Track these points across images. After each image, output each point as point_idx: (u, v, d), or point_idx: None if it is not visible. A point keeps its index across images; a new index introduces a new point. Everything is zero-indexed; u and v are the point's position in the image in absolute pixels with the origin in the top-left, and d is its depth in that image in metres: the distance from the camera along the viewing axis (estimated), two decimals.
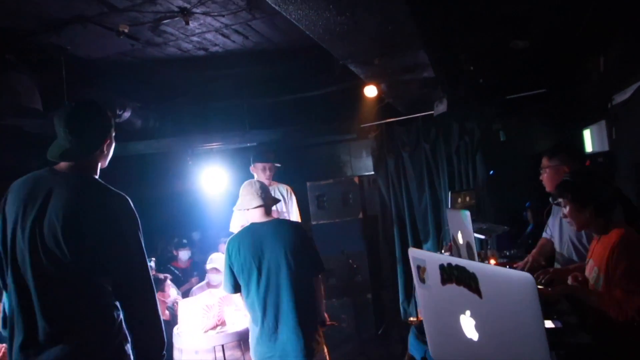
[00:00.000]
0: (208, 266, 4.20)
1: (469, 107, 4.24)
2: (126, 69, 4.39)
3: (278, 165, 4.02)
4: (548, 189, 2.87)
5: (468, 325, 0.89)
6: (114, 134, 2.00)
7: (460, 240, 2.09)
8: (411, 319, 2.70)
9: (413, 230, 4.99)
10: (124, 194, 1.82)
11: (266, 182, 4.01)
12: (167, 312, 3.76)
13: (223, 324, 3.32)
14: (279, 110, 5.35)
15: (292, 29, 3.95)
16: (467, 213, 1.93)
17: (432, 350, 1.03)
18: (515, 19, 3.75)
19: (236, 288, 2.81)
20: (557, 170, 2.76)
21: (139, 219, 1.81)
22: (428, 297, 1.03)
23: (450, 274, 0.91)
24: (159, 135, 5.16)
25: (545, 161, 2.88)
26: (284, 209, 4.21)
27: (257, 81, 5.09)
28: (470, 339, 0.89)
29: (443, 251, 3.50)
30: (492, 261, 2.80)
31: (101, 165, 1.94)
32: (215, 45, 4.14)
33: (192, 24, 3.56)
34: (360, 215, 5.60)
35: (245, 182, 2.85)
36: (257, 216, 2.79)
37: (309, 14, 2.08)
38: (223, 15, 3.44)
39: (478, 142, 4.49)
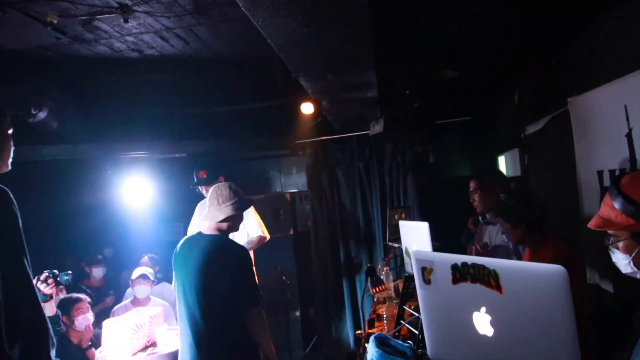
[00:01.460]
0: (133, 276, 3.87)
1: (403, 129, 4.47)
2: (46, 65, 3.99)
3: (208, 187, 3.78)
4: (479, 210, 3.09)
5: (482, 322, 0.92)
6: (6, 131, 1.76)
7: None
8: (359, 332, 2.70)
9: (345, 246, 5.07)
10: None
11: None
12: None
13: (154, 344, 3.07)
14: (211, 121, 5.19)
15: (235, 39, 3.92)
16: (426, 224, 2.00)
17: (433, 351, 1.04)
18: (446, 51, 4.07)
19: None
20: (489, 191, 2.99)
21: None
22: (433, 297, 1.04)
23: (465, 273, 0.94)
24: (76, 141, 4.72)
25: (474, 184, 3.10)
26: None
27: (191, 89, 4.90)
28: (484, 335, 0.92)
29: (380, 266, 3.58)
30: None
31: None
32: (152, 48, 3.93)
33: (130, 23, 3.35)
34: (291, 232, 5.58)
35: (217, 185, 2.61)
36: (206, 225, 2.60)
37: (276, 22, 2.06)
38: (167, 17, 3.28)
39: (409, 163, 4.73)
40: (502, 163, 5.02)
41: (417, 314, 2.25)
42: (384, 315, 2.67)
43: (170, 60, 4.20)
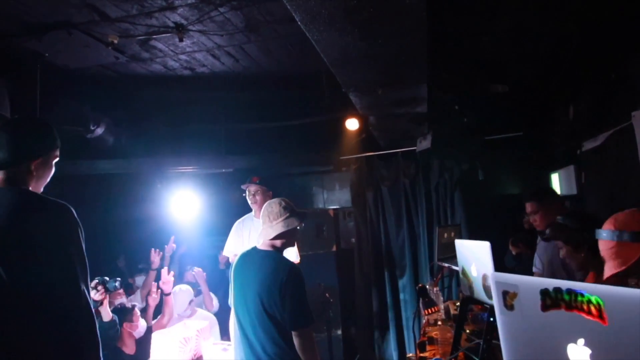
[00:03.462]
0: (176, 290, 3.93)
1: (451, 145, 4.35)
2: (104, 83, 4.18)
3: (263, 188, 3.82)
4: (541, 228, 2.95)
5: (580, 356, 0.83)
6: (53, 160, 1.80)
7: (474, 273, 2.05)
8: (409, 355, 2.59)
9: (389, 265, 4.95)
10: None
11: (256, 208, 3.88)
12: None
13: (200, 358, 3.07)
14: (257, 137, 5.25)
15: (283, 56, 3.98)
16: (487, 244, 1.90)
17: None
18: (496, 65, 3.96)
19: None
20: (549, 210, 2.85)
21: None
22: (516, 324, 0.96)
23: (558, 299, 0.86)
24: (129, 155, 4.90)
25: (534, 206, 2.96)
26: None
27: (239, 106, 5.00)
28: None
29: (429, 286, 3.46)
30: None
31: (33, 187, 1.73)
32: (204, 65, 4.05)
33: (185, 42, 3.46)
34: (334, 248, 5.52)
35: (268, 202, 2.60)
36: (261, 241, 2.59)
37: (331, 36, 2.06)
38: (220, 35, 3.37)
39: (457, 180, 4.59)
40: (555, 181, 4.79)
41: (476, 339, 2.14)
42: (436, 339, 2.56)
43: (220, 77, 4.30)
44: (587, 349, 0.83)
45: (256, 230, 3.98)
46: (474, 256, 2.07)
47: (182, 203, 5.11)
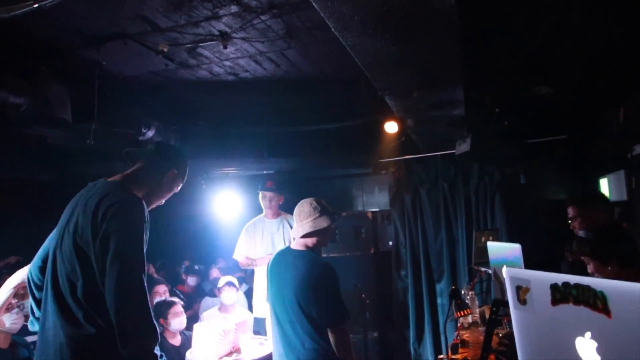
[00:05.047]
0: (220, 283, 4.11)
1: (491, 148, 4.29)
2: (154, 88, 4.44)
3: (279, 194, 4.00)
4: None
5: (587, 349, 0.86)
6: (179, 182, 2.06)
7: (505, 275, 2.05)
8: (441, 356, 2.60)
9: (427, 268, 4.93)
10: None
11: (269, 212, 4.06)
12: (179, 336, 3.62)
13: (238, 351, 3.21)
14: (297, 140, 5.39)
15: (322, 61, 4.08)
16: (518, 246, 1.90)
17: None
18: (539, 66, 3.87)
19: None
20: (591, 217, 2.77)
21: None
22: (528, 319, 0.99)
23: (566, 294, 0.89)
24: None
25: (573, 210, 2.87)
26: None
27: (280, 109, 5.15)
28: None
29: (465, 290, 3.43)
30: None
31: (147, 201, 1.87)
32: (246, 71, 4.22)
33: (229, 49, 3.64)
34: (372, 251, 5.55)
35: (301, 202, 2.69)
36: (295, 241, 2.67)
37: (364, 41, 2.13)
38: (262, 42, 3.52)
39: (497, 184, 4.51)
40: (604, 186, 4.60)
41: (507, 341, 2.14)
42: (469, 342, 2.55)
43: (262, 82, 4.46)
44: (594, 342, 0.85)
45: (268, 231, 4.15)
46: (505, 258, 2.07)
47: (225, 203, 5.33)
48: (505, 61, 3.73)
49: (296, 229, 2.60)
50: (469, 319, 2.95)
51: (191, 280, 5.39)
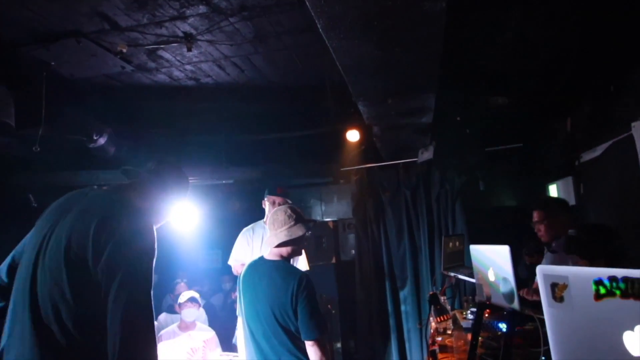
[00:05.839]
0: (182, 299, 3.86)
1: (452, 156, 4.41)
2: (108, 92, 4.17)
3: (289, 200, 3.77)
4: (546, 239, 2.98)
5: (637, 342, 0.85)
6: (170, 211, 1.90)
7: (492, 278, 2.07)
8: None
9: (390, 276, 4.95)
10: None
11: None
12: None
13: None
14: (258, 149, 5.26)
15: (288, 68, 4.02)
16: (507, 248, 1.93)
17: None
18: (497, 77, 4.05)
19: None
20: (556, 220, 2.90)
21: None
22: (567, 316, 0.98)
23: (612, 288, 0.88)
24: (129, 165, 4.85)
25: (540, 215, 3.00)
26: None
27: (240, 117, 5.02)
28: (638, 357, 0.84)
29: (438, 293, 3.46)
30: None
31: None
32: (208, 76, 4.07)
33: (192, 52, 3.48)
34: (334, 260, 5.51)
35: (275, 209, 2.59)
36: (268, 251, 2.57)
37: (350, 44, 2.10)
38: (229, 45, 3.40)
39: (458, 191, 4.64)
40: (553, 192, 4.87)
41: (495, 343, 2.16)
42: (451, 347, 2.56)
43: (224, 88, 4.32)
44: None
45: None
46: (492, 261, 2.09)
47: (181, 214, 5.07)
48: (466, 72, 3.86)
49: (270, 239, 2.49)
50: (444, 324, 2.97)
51: None
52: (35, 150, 3.47)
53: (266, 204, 3.68)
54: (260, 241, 3.81)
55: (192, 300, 3.89)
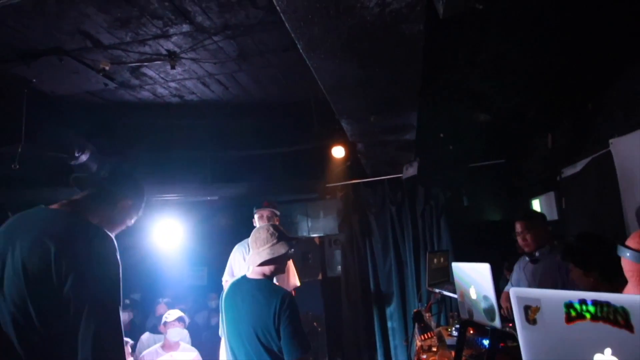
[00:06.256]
0: (169, 318, 3.79)
1: (436, 172, 4.45)
2: (90, 109, 4.14)
3: (277, 212, 3.75)
4: (530, 249, 3.02)
5: None
6: (134, 215, 1.89)
7: (473, 295, 2.07)
8: None
9: (377, 292, 4.93)
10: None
11: None
12: None
13: None
14: (243, 165, 5.25)
15: (273, 85, 4.04)
16: (487, 266, 1.94)
17: None
18: (480, 95, 4.12)
19: None
20: (540, 230, 2.96)
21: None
22: (539, 338, 0.98)
23: (582, 311, 0.88)
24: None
25: (524, 225, 3.05)
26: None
27: (225, 134, 5.01)
28: None
29: (423, 311, 3.45)
30: None
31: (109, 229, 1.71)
32: (193, 93, 4.07)
33: (176, 69, 3.48)
34: (320, 277, 5.48)
35: (257, 228, 2.56)
36: (250, 269, 2.54)
37: (331, 64, 2.12)
38: (213, 63, 3.41)
39: (443, 207, 4.67)
40: (536, 206, 4.93)
41: None
42: None
43: (209, 105, 4.33)
44: (615, 358, 0.85)
45: None
46: (473, 279, 2.10)
47: (165, 231, 5.01)
48: (448, 90, 3.92)
49: (252, 257, 2.46)
50: (429, 341, 2.95)
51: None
52: (15, 168, 3.42)
53: (256, 220, 3.66)
54: None
55: (180, 319, 3.83)
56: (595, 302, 0.87)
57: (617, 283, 2.04)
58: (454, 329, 3.15)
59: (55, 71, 3.33)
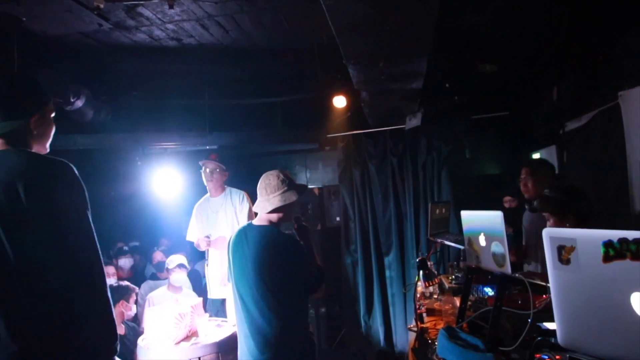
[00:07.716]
0: (171, 265, 3.84)
1: (439, 123, 4.39)
2: (84, 52, 3.96)
3: (221, 166, 3.91)
4: (530, 195, 3.08)
5: None
6: (50, 115, 1.73)
7: (482, 243, 2.08)
8: (411, 326, 2.64)
9: (376, 242, 5.00)
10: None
11: (211, 188, 3.90)
12: (122, 325, 3.33)
13: (195, 334, 3.02)
14: (242, 113, 5.14)
15: (275, 29, 3.87)
16: (500, 213, 1.93)
17: (569, 339, 0.97)
18: (487, 44, 3.99)
19: None
20: (542, 179, 3.00)
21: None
22: (572, 278, 0.97)
23: (623, 250, 0.87)
24: (109, 130, 4.69)
25: (528, 171, 3.10)
26: (235, 217, 4.01)
27: (224, 80, 4.87)
28: None
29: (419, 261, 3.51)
30: None
31: (38, 149, 1.66)
32: (191, 36, 3.89)
33: (174, 9, 3.30)
34: (319, 227, 5.52)
35: (266, 174, 2.53)
36: (258, 216, 2.53)
37: (344, 1, 2.01)
38: (214, 2, 3.23)
39: (445, 159, 4.65)
40: None
41: (485, 307, 2.20)
42: (440, 310, 2.60)
43: (207, 50, 4.15)
44: None
45: (213, 210, 3.99)
46: (483, 226, 2.10)
47: (164, 181, 4.97)
48: (456, 38, 3.78)
49: (262, 204, 2.45)
50: (431, 288, 3.02)
51: (124, 263, 4.97)
52: None
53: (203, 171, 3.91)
54: (207, 215, 3.99)
55: (180, 266, 3.87)
56: (637, 241, 0.86)
57: (592, 226, 2.19)
58: (453, 277, 3.21)
59: (47, 9, 3.14)
